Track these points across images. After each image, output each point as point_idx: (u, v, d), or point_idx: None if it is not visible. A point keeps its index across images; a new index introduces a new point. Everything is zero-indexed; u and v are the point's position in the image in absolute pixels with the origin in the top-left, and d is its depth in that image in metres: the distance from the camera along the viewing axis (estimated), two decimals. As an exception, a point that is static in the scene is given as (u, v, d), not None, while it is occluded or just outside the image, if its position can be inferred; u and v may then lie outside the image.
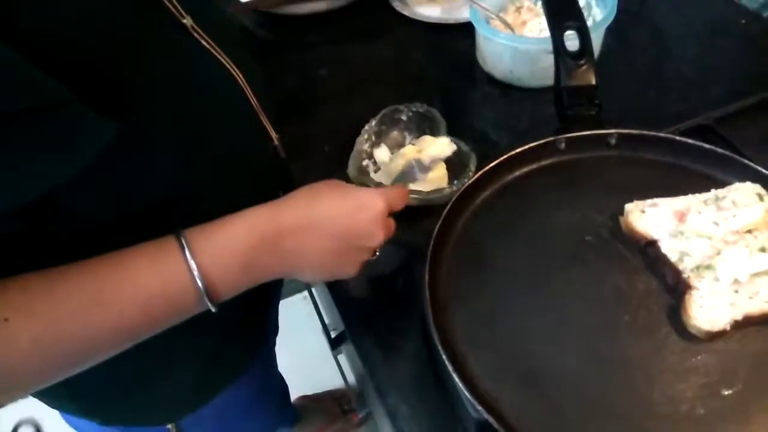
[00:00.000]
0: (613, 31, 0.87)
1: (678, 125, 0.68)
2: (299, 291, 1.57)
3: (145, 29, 0.45)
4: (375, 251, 0.55)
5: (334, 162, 0.78)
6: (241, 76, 0.57)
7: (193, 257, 0.45)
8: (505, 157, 0.62)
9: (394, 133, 0.80)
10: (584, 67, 0.63)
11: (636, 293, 0.53)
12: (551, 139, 0.63)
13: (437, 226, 0.57)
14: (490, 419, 0.46)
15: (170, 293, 0.45)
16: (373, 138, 0.78)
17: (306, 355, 1.41)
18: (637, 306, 0.52)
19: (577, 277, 0.55)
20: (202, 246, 0.46)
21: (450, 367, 0.49)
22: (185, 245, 0.45)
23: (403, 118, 0.80)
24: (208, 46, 0.53)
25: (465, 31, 0.91)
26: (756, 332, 0.50)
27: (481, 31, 0.84)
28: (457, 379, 0.48)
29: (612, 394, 0.48)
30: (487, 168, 0.61)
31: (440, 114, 0.78)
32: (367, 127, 0.79)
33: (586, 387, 0.49)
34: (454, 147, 0.70)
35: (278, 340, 1.04)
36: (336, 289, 0.71)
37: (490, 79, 0.89)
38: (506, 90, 0.87)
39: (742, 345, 0.49)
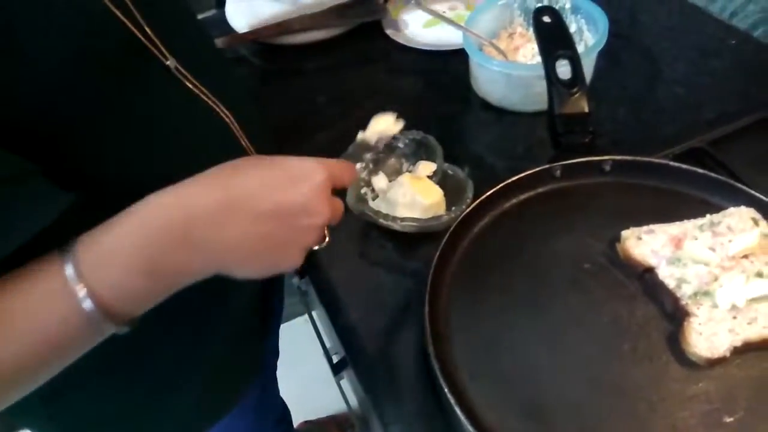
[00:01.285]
0: (605, 55, 0.88)
1: (672, 149, 0.69)
2: (300, 314, 1.57)
3: (123, 74, 0.45)
4: (322, 235, 0.46)
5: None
6: (231, 118, 0.56)
7: (78, 274, 0.37)
8: (502, 185, 0.62)
9: (392, 161, 0.81)
10: (577, 95, 0.64)
11: (635, 321, 0.53)
12: (547, 166, 0.63)
13: (436, 256, 0.58)
14: (494, 452, 0.46)
15: (64, 321, 0.38)
16: (371, 166, 0.79)
17: (308, 379, 1.41)
18: (636, 334, 0.52)
19: (577, 305, 0.55)
20: (89, 260, 0.38)
21: (452, 400, 0.49)
22: (68, 261, 0.37)
23: (400, 145, 0.81)
24: (193, 88, 0.52)
25: (459, 56, 0.92)
26: (755, 357, 0.50)
27: (474, 58, 0.85)
28: (459, 412, 0.48)
29: (614, 423, 0.48)
30: (484, 196, 0.62)
31: (436, 140, 0.79)
32: (365, 155, 0.79)
33: (588, 416, 0.49)
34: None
35: (279, 364, 1.04)
36: (336, 316, 0.72)
37: (485, 105, 0.90)
38: (501, 115, 0.88)
39: (742, 371, 0.50)
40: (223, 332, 0.64)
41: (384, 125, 0.72)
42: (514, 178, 0.63)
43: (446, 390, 0.49)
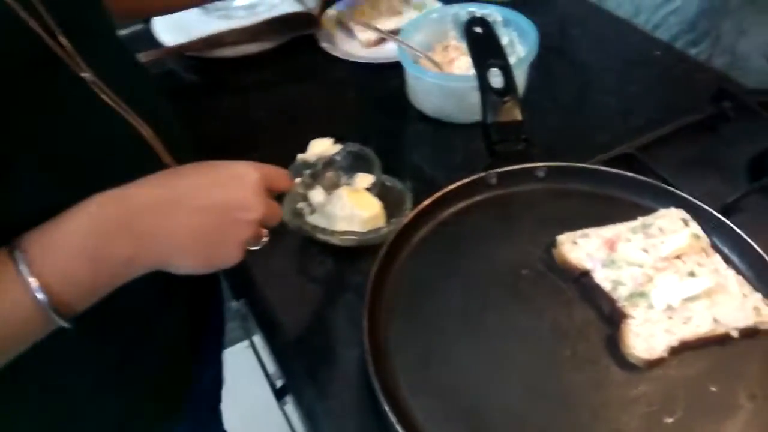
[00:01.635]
0: (537, 68, 0.90)
1: (603, 155, 0.70)
2: (241, 340, 1.51)
3: (32, 85, 0.43)
4: (261, 236, 0.48)
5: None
6: (151, 133, 0.54)
7: (27, 263, 0.39)
8: (438, 195, 0.62)
9: (329, 174, 0.79)
10: (509, 104, 0.64)
11: (574, 326, 0.53)
12: (482, 174, 0.63)
13: (374, 270, 0.56)
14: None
15: (12, 309, 0.39)
16: (308, 180, 0.77)
17: (253, 408, 1.35)
18: (576, 339, 0.52)
19: (515, 312, 0.54)
20: (37, 251, 0.40)
21: (393, 419, 0.47)
22: (16, 251, 0.39)
23: (338, 158, 0.79)
24: (110, 102, 0.50)
25: (395, 69, 0.92)
26: (692, 357, 0.50)
27: (409, 70, 0.85)
28: (400, 429, 0.46)
29: (556, 430, 0.47)
30: (421, 207, 0.61)
31: (374, 153, 0.77)
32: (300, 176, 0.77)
33: (530, 426, 0.48)
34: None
35: (225, 391, 0.99)
36: (272, 336, 0.68)
37: (422, 116, 0.89)
38: (438, 126, 0.88)
39: (680, 371, 0.50)
40: (149, 349, 0.60)
41: (323, 147, 0.71)
42: (450, 188, 0.62)
43: (387, 408, 0.47)
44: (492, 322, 0.54)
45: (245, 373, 1.35)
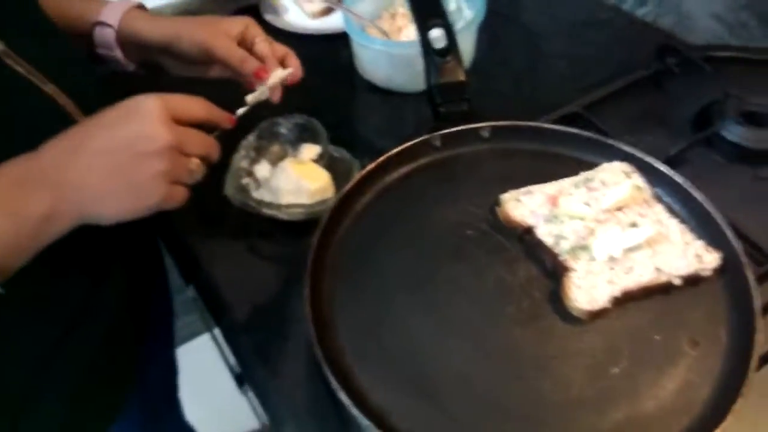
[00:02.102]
0: (486, 33, 0.89)
1: (549, 115, 0.69)
2: (202, 333, 1.48)
3: None
4: (186, 167, 0.47)
5: (211, 184, 0.73)
6: (74, 107, 0.51)
7: None
8: (382, 159, 0.60)
9: (275, 148, 0.76)
10: (451, 64, 0.63)
11: (518, 282, 0.52)
12: (426, 137, 0.62)
13: (316, 237, 0.54)
14: (379, 433, 0.43)
15: None
16: (252, 154, 0.74)
17: (217, 399, 1.32)
18: (519, 295, 0.51)
19: (460, 273, 0.53)
20: None
21: (335, 384, 0.45)
22: None
23: (283, 131, 0.77)
24: (27, 74, 0.48)
25: (343, 40, 0.90)
26: (635, 307, 0.50)
27: (355, 38, 0.83)
28: (343, 397, 0.45)
29: (503, 388, 0.47)
30: (364, 172, 0.59)
31: (320, 124, 0.75)
32: (244, 143, 0.75)
33: (477, 384, 0.47)
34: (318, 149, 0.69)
35: (185, 386, 0.97)
36: (220, 317, 0.67)
37: (371, 87, 0.88)
38: (388, 97, 0.86)
39: (623, 321, 0.49)
40: (88, 335, 0.58)
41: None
42: (394, 151, 0.60)
43: (330, 376, 0.46)
44: (437, 284, 0.53)
45: (208, 366, 1.33)
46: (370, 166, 0.59)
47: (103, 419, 0.63)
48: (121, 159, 0.44)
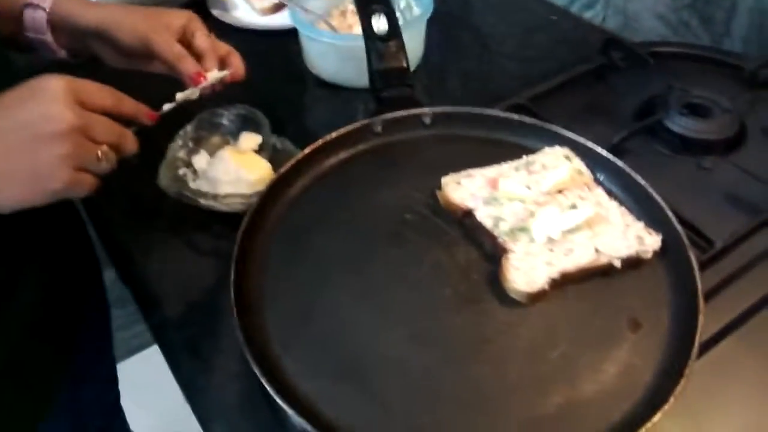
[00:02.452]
0: (436, 33, 0.89)
1: (495, 106, 0.68)
2: (151, 344, 1.42)
3: None
4: (92, 153, 0.44)
5: (144, 175, 0.70)
6: None
7: None
8: (319, 143, 0.58)
9: (215, 139, 0.73)
10: (393, 49, 0.61)
11: (456, 266, 0.50)
12: (367, 122, 0.60)
13: (245, 221, 0.51)
14: (302, 422, 0.40)
15: None
16: (190, 144, 0.71)
17: (166, 410, 1.26)
18: (457, 279, 0.49)
19: (397, 257, 0.51)
20: None
21: (257, 369, 0.42)
22: None
23: (224, 122, 0.74)
24: None
25: (291, 37, 0.88)
26: (575, 290, 0.48)
27: (303, 31, 0.81)
28: (265, 382, 0.42)
29: (437, 372, 0.44)
30: (299, 156, 0.57)
31: (263, 114, 0.73)
32: (181, 133, 0.71)
33: (410, 369, 0.44)
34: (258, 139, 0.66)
35: (135, 398, 0.92)
36: (150, 313, 0.63)
37: (320, 82, 0.86)
38: (336, 91, 0.85)
39: (563, 304, 0.48)
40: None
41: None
42: (332, 135, 0.58)
43: (250, 358, 0.42)
44: (372, 270, 0.50)
45: (159, 376, 1.26)
46: (306, 150, 0.57)
47: (26, 419, 0.58)
48: (20, 140, 0.41)
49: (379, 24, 0.63)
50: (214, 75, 0.62)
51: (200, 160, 0.70)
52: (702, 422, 0.47)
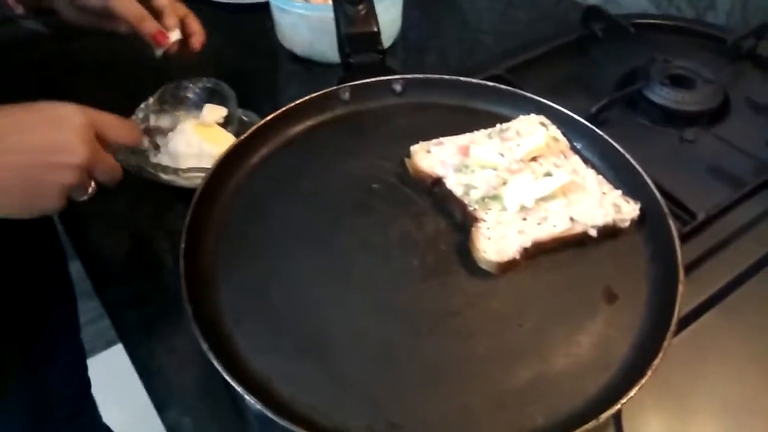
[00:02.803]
0: (416, 9, 0.86)
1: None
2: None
3: None
4: (86, 186, 0.46)
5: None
6: None
7: None
8: (283, 109, 0.55)
9: (180, 113, 0.70)
10: (363, 13, 0.58)
11: (424, 236, 0.47)
12: (334, 88, 0.56)
13: (199, 189, 0.48)
14: (253, 399, 0.37)
15: None
16: (152, 118, 0.68)
17: (144, 401, 1.22)
18: (425, 249, 0.46)
19: (362, 227, 0.48)
20: None
21: (205, 346, 0.39)
22: None
23: (190, 95, 0.71)
24: None
25: (265, 12, 0.85)
26: (549, 260, 0.46)
27: (275, 2, 0.78)
28: (214, 360, 0.38)
29: (402, 346, 0.41)
30: (261, 123, 0.54)
31: (229, 87, 0.70)
32: (143, 106, 0.68)
33: (372, 343, 0.41)
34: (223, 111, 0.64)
35: (108, 394, 0.89)
36: (103, 291, 0.59)
37: (293, 57, 0.83)
38: (309, 66, 0.82)
39: (535, 275, 0.45)
40: None
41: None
42: (296, 102, 0.55)
43: (197, 332, 0.39)
44: (337, 240, 0.47)
45: (133, 370, 1.23)
46: (268, 117, 0.54)
47: None
48: (32, 163, 0.42)
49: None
50: (175, 35, 0.62)
51: (162, 133, 0.67)
52: (682, 398, 0.45)
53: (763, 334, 0.46)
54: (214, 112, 0.66)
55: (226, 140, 0.65)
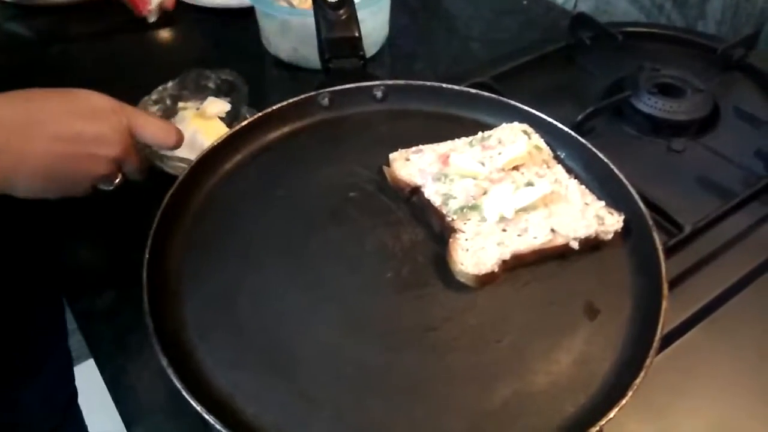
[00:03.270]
0: (404, 15, 0.86)
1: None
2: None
3: None
4: (114, 177, 0.48)
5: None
6: None
7: None
8: (259, 115, 0.53)
9: (195, 101, 0.68)
10: (344, 17, 0.57)
11: (401, 246, 0.45)
12: (312, 93, 0.55)
13: (168, 194, 0.46)
14: (211, 418, 0.35)
15: None
16: (168, 101, 0.66)
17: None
18: (402, 260, 0.44)
19: (337, 237, 0.46)
20: None
21: (164, 360, 0.37)
22: None
23: (211, 85, 0.69)
24: None
25: (250, 17, 0.83)
26: (529, 273, 0.44)
27: (259, 6, 0.77)
28: (173, 376, 0.37)
29: (373, 364, 0.39)
30: (237, 128, 0.52)
31: (244, 83, 0.68)
32: (160, 88, 0.66)
33: (343, 360, 0.40)
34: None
35: (97, 399, 0.86)
36: (76, 297, 0.57)
37: (278, 63, 0.81)
38: (294, 72, 0.80)
39: (514, 289, 0.43)
40: None
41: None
42: (273, 108, 0.54)
43: (157, 347, 0.37)
44: (307, 250, 0.45)
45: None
46: (243, 123, 0.52)
47: None
48: (70, 151, 0.44)
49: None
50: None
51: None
52: (666, 419, 0.43)
53: (749, 352, 0.45)
54: (216, 105, 0.64)
55: (221, 133, 0.63)
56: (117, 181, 0.49)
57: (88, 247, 0.61)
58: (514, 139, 0.50)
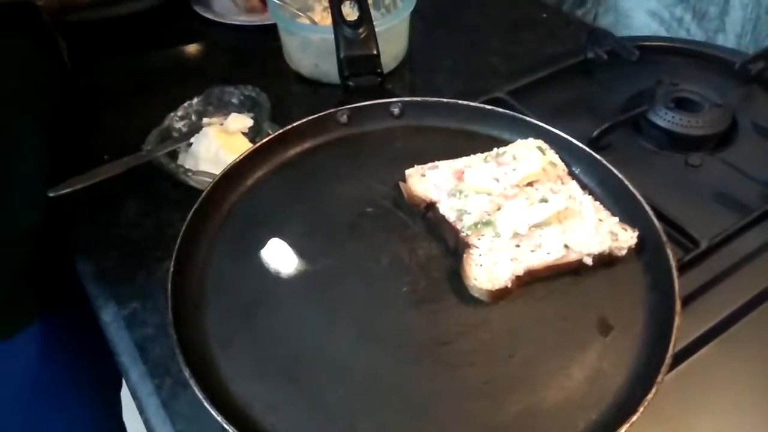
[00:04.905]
0: (423, 29, 0.87)
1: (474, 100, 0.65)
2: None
3: None
4: None
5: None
6: None
7: None
8: (279, 132, 0.55)
9: (214, 118, 0.70)
10: (363, 36, 0.58)
11: (416, 261, 0.46)
12: (331, 111, 0.57)
13: (193, 209, 0.48)
14: (231, 428, 0.36)
15: None
16: (193, 117, 0.69)
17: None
18: (417, 275, 0.46)
19: (352, 252, 0.47)
20: None
21: (187, 372, 0.39)
22: None
23: (234, 101, 0.71)
24: None
25: (273, 33, 0.86)
26: (543, 288, 0.45)
27: (282, 24, 0.79)
28: (195, 387, 0.38)
29: (387, 377, 0.41)
30: (258, 145, 0.54)
31: (267, 98, 0.71)
32: (186, 104, 0.69)
33: (358, 372, 0.41)
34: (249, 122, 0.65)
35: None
36: (102, 306, 0.59)
37: (299, 78, 0.83)
38: (315, 87, 0.82)
39: (528, 304, 0.44)
40: None
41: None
42: (293, 125, 0.55)
43: (181, 359, 0.39)
44: (324, 264, 0.47)
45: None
46: (264, 140, 0.54)
47: None
48: None
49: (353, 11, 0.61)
50: None
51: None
52: (679, 436, 0.43)
53: (763, 370, 0.45)
54: (238, 121, 0.66)
55: (243, 148, 0.65)
56: None
57: (112, 256, 0.62)
58: (528, 156, 0.50)
